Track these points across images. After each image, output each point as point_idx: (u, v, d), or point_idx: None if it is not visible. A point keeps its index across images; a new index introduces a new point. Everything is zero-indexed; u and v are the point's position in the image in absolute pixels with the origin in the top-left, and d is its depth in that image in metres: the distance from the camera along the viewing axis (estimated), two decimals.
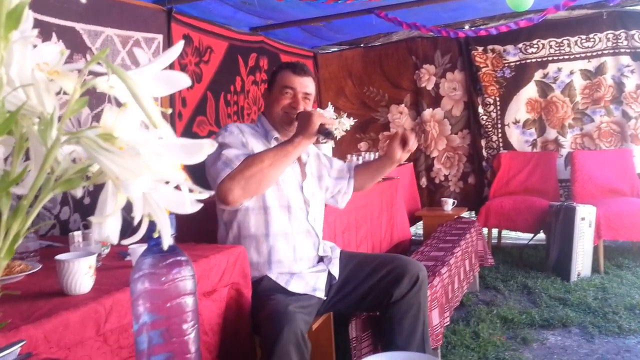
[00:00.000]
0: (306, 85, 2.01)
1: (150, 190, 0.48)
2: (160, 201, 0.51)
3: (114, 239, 0.50)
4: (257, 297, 1.82)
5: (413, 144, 1.99)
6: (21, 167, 0.51)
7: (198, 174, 0.78)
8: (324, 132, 1.79)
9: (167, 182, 0.50)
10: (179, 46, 0.49)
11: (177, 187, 0.52)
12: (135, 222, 0.49)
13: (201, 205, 0.52)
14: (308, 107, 1.99)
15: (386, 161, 2.09)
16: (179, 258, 0.75)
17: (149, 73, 0.47)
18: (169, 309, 0.74)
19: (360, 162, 3.35)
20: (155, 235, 0.54)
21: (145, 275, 0.74)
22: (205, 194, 0.51)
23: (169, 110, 0.51)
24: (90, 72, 0.50)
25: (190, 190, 0.52)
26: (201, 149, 0.47)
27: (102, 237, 0.49)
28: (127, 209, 0.51)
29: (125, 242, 0.55)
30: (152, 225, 0.53)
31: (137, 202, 0.47)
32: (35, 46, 0.46)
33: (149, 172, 0.46)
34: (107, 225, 0.49)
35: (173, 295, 0.74)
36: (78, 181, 0.49)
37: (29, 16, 0.44)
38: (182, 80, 0.49)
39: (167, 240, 0.53)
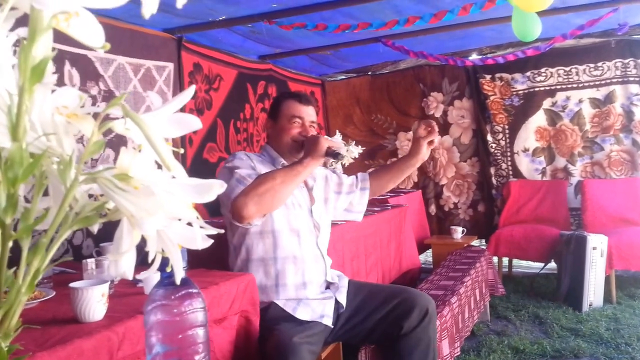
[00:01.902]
0: (312, 114, 2.07)
1: (163, 227, 0.50)
2: (172, 237, 0.53)
3: (130, 275, 0.52)
4: (264, 325, 1.82)
5: (437, 138, 2.02)
6: (40, 203, 0.53)
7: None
8: (332, 154, 1.85)
9: (179, 219, 0.52)
10: (190, 91, 0.52)
11: (189, 223, 0.54)
12: (150, 258, 0.51)
13: (212, 241, 0.54)
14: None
15: (411, 160, 2.09)
16: (190, 290, 0.77)
17: (162, 116, 0.50)
18: (181, 340, 0.75)
19: None
20: (168, 269, 0.56)
21: (158, 307, 0.75)
22: (215, 231, 0.53)
23: (182, 150, 0.53)
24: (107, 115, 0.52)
25: (201, 226, 0.54)
26: (211, 189, 0.48)
27: (118, 273, 0.51)
28: (140, 240, 0.53)
29: (139, 276, 0.57)
30: (165, 259, 0.55)
31: (151, 239, 0.49)
32: (54, 90, 0.48)
33: (163, 210, 0.48)
34: (123, 262, 0.51)
35: (185, 326, 0.76)
36: (95, 218, 0.51)
37: (49, 62, 0.46)
38: (194, 123, 0.51)
39: (180, 275, 0.54)
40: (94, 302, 1.32)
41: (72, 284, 1.37)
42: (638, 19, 4.15)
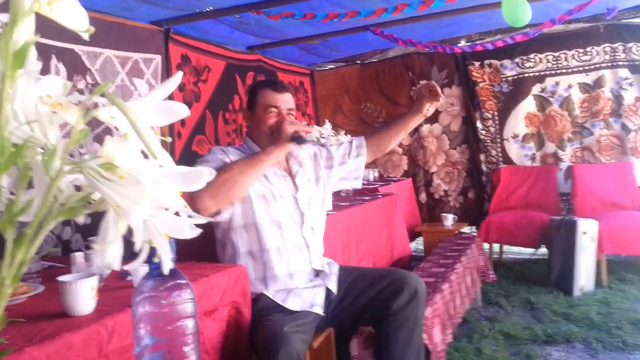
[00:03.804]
0: (288, 101, 2.04)
1: (150, 217, 0.49)
2: (160, 227, 0.52)
3: (116, 266, 0.51)
4: (255, 316, 1.82)
5: (440, 96, 1.98)
6: (25, 195, 0.53)
7: None
8: (296, 139, 1.83)
9: (166, 209, 0.51)
10: (177, 77, 0.51)
11: (176, 213, 0.53)
12: (136, 248, 0.50)
13: (200, 230, 0.53)
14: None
15: (413, 116, 2.07)
16: (179, 281, 0.76)
17: (149, 104, 0.49)
18: (170, 331, 0.75)
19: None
20: (156, 260, 0.55)
21: (146, 299, 0.74)
22: (204, 219, 0.53)
23: (169, 139, 0.52)
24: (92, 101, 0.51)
25: (189, 215, 0.53)
26: (200, 177, 0.48)
27: (104, 263, 0.50)
28: (128, 231, 0.52)
29: (126, 267, 0.56)
30: (152, 250, 0.54)
31: (137, 229, 0.48)
32: (39, 79, 0.47)
33: (149, 200, 0.47)
34: (109, 252, 0.50)
35: (174, 318, 0.75)
36: (80, 209, 0.50)
37: (32, 50, 0.45)
38: (182, 111, 0.50)
39: (168, 265, 0.54)
40: (83, 295, 1.31)
41: (60, 278, 1.36)
42: (626, 3, 4.16)
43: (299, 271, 1.97)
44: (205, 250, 2.10)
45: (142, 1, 2.95)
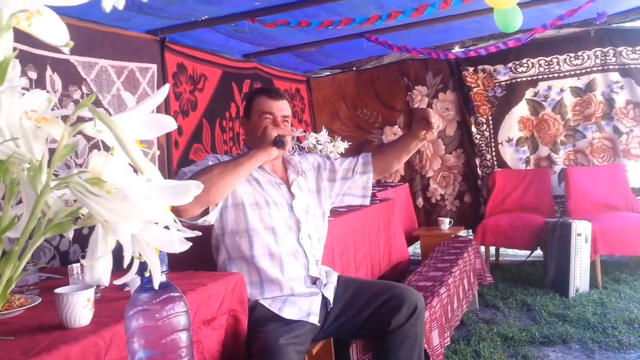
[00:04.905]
0: (283, 108, 2.03)
1: (139, 231, 0.49)
2: (150, 241, 0.52)
3: (106, 281, 0.51)
4: (251, 326, 1.81)
5: (436, 123, 1.93)
6: (14, 210, 0.53)
7: None
8: (277, 142, 1.83)
9: (155, 223, 0.52)
10: (164, 90, 0.51)
11: (166, 226, 0.53)
12: (125, 264, 0.50)
13: (190, 244, 0.53)
14: (288, 129, 2.01)
15: (412, 140, 2.03)
16: (172, 294, 0.76)
17: (136, 117, 0.49)
18: (164, 345, 0.75)
19: None
20: (147, 274, 0.55)
21: (139, 312, 0.75)
22: (193, 233, 0.53)
23: (157, 152, 0.52)
24: (79, 116, 0.51)
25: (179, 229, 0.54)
26: (188, 191, 0.48)
27: (93, 279, 0.50)
28: (121, 244, 0.53)
29: (117, 282, 0.56)
30: (143, 264, 0.55)
31: (126, 244, 0.48)
32: (23, 94, 0.47)
33: (138, 214, 0.47)
34: (98, 268, 0.51)
35: (167, 331, 0.75)
36: (68, 224, 0.50)
37: (16, 65, 0.46)
38: (169, 124, 0.50)
39: (158, 280, 0.54)
40: (80, 307, 1.31)
41: (57, 290, 1.36)
42: (616, 8, 4.19)
43: (294, 277, 1.96)
44: (203, 256, 2.10)
45: (137, 11, 2.95)
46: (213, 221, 1.90)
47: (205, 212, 1.82)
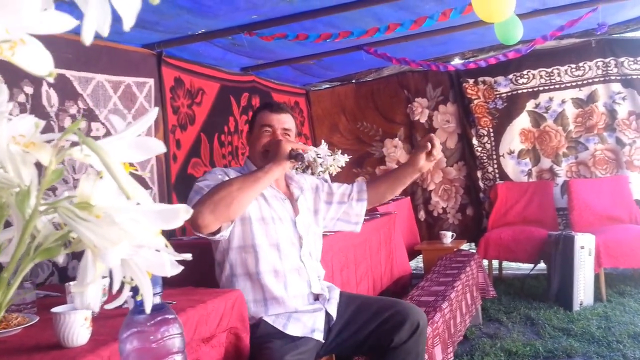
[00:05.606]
0: (284, 121, 2.03)
1: (129, 256, 0.48)
2: (141, 264, 0.51)
3: (96, 307, 0.50)
4: (255, 343, 1.80)
5: (438, 152, 1.92)
6: (5, 234, 0.52)
7: None
8: (295, 156, 1.82)
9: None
10: (152, 114, 0.50)
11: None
12: (115, 290, 0.49)
13: (182, 267, 0.52)
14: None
15: (408, 169, 2.02)
16: (167, 316, 0.75)
17: (124, 141, 0.48)
18: None
19: None
20: (139, 298, 0.54)
21: (134, 335, 0.73)
22: (185, 257, 0.51)
23: (148, 174, 0.51)
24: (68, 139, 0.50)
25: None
26: (177, 215, 0.47)
27: (83, 305, 0.49)
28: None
29: (107, 306, 0.55)
30: (135, 288, 0.53)
31: (115, 270, 0.47)
32: (10, 119, 0.46)
33: (127, 239, 0.46)
34: (88, 293, 0.49)
35: (162, 353, 0.74)
36: (58, 249, 0.49)
37: (3, 90, 0.45)
38: (158, 147, 0.49)
39: (149, 304, 0.53)
40: (77, 326, 1.30)
41: (54, 309, 1.34)
42: (616, 18, 4.20)
43: (297, 295, 1.95)
44: (202, 273, 2.08)
45: (133, 25, 2.96)
46: (227, 235, 1.89)
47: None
